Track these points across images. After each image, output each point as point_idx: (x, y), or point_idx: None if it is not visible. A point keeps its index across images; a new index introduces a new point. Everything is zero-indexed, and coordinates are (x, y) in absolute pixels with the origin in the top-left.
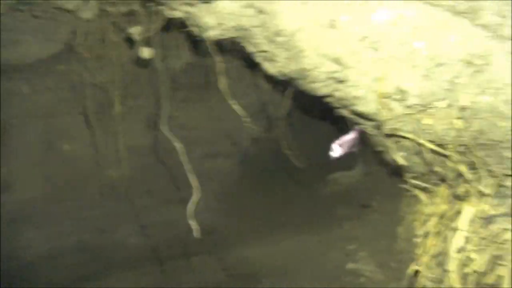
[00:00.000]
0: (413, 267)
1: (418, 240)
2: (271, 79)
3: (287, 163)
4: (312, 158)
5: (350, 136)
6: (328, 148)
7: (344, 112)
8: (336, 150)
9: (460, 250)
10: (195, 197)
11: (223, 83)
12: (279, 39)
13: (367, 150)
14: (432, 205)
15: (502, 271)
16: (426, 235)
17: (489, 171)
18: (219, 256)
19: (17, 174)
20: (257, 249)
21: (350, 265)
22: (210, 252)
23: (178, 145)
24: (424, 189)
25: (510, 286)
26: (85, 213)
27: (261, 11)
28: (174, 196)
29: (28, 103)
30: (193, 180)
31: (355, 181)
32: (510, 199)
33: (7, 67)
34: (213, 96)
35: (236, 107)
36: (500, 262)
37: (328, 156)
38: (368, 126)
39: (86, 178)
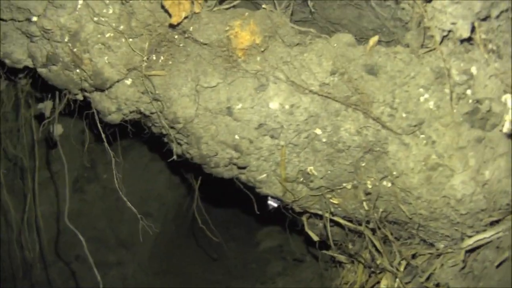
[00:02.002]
0: None
1: None
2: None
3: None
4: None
5: None
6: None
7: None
8: (272, 203)
9: None
10: None
11: (116, 178)
12: (177, 125)
13: None
14: (354, 273)
15: None
16: None
17: (399, 250)
18: None
19: None
20: None
21: None
22: None
23: (82, 238)
24: (343, 259)
25: None
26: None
27: (156, 99)
28: (103, 260)
29: None
30: (98, 275)
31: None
32: (418, 278)
33: None
34: (139, 157)
35: (128, 204)
36: None
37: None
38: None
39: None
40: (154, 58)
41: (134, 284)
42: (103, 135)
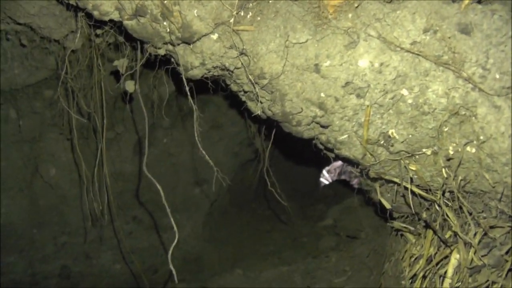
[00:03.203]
0: None
1: (405, 282)
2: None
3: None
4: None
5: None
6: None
7: (329, 155)
8: (326, 177)
9: None
10: (175, 241)
11: (196, 131)
12: (262, 81)
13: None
14: (419, 246)
15: None
16: (413, 277)
17: (475, 220)
18: (202, 283)
19: (2, 198)
20: (240, 279)
21: None
22: (194, 279)
23: (159, 187)
24: (410, 231)
25: None
26: (69, 238)
27: (244, 53)
28: (159, 223)
29: (15, 128)
30: (174, 224)
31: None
32: (496, 251)
33: None
34: (200, 124)
35: (207, 158)
36: None
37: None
38: (353, 169)
39: (71, 204)
40: (243, 14)
41: (185, 248)
42: (187, 88)
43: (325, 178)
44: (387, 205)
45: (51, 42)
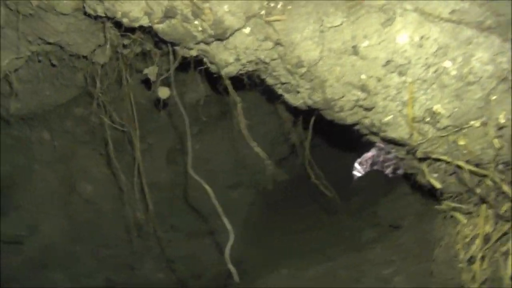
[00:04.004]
0: None
1: (462, 265)
2: (292, 109)
3: (310, 189)
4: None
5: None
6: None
7: (374, 139)
8: (359, 169)
9: None
10: (231, 241)
11: (242, 123)
12: (300, 70)
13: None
14: (472, 226)
15: None
16: (471, 259)
17: None
18: (248, 286)
19: (41, 217)
20: (286, 278)
21: None
22: (240, 283)
23: (208, 188)
24: (461, 210)
25: None
26: (110, 251)
27: (279, 43)
28: (197, 229)
29: (49, 148)
30: (228, 224)
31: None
32: None
33: (29, 116)
34: (229, 127)
35: (256, 149)
36: None
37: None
38: (399, 151)
39: (108, 217)
40: (273, 4)
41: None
42: (228, 83)
43: (358, 170)
44: (437, 185)
45: (80, 58)
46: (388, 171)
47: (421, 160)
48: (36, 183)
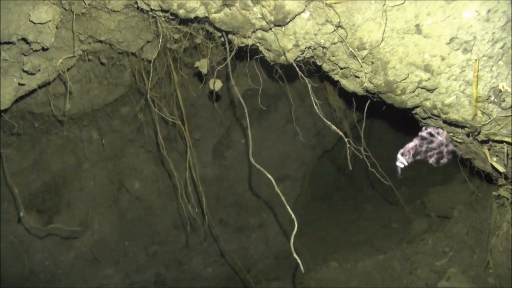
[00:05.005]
0: None
1: None
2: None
3: (356, 179)
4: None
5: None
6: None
7: (431, 123)
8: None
9: None
10: (295, 230)
11: (314, 103)
12: (362, 53)
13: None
14: None
15: None
16: None
17: None
18: (298, 279)
19: (92, 215)
20: (337, 271)
21: (442, 284)
22: (288, 277)
23: (270, 177)
24: None
25: None
26: (160, 247)
27: (339, 26)
28: (246, 223)
29: (98, 147)
30: (291, 212)
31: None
32: None
33: (78, 116)
34: (275, 120)
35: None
36: None
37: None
38: (459, 133)
39: (157, 214)
40: None
41: (276, 246)
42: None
43: (402, 160)
44: (501, 169)
45: (128, 56)
46: (432, 160)
47: (482, 142)
48: (86, 181)
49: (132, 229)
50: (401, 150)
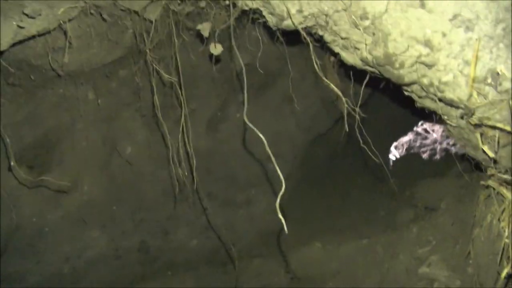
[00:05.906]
0: (507, 270)
1: (508, 240)
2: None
3: (347, 165)
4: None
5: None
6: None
7: (427, 102)
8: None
9: None
10: (282, 191)
11: (315, 63)
12: (364, 22)
13: None
14: None
15: None
16: None
17: None
18: (281, 258)
19: (82, 175)
20: (320, 252)
21: (422, 269)
22: (273, 254)
23: (263, 137)
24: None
25: None
26: (147, 214)
27: None
28: (234, 198)
29: (93, 108)
30: (279, 172)
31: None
32: None
33: (74, 74)
34: (272, 98)
35: None
36: None
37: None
38: (453, 116)
39: (148, 180)
40: None
41: (261, 224)
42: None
43: (394, 153)
44: (490, 154)
45: (130, 14)
46: (425, 154)
47: (476, 126)
48: (79, 141)
49: (121, 194)
50: (395, 143)
